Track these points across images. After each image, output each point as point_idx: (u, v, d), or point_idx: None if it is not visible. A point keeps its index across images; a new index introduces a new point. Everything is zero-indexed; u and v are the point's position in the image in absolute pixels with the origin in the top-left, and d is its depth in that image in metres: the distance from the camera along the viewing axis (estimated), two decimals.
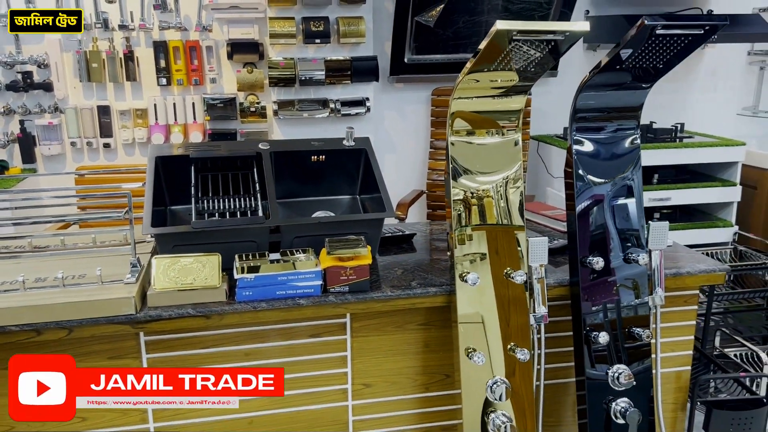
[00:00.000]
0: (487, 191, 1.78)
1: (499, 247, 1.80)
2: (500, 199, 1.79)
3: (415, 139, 3.77)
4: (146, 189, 1.92)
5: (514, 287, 1.79)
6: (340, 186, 2.29)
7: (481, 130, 1.74)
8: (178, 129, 3.39)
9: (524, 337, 1.80)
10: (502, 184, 1.79)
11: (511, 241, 1.81)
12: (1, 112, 3.27)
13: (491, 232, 1.79)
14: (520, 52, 1.44)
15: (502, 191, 1.79)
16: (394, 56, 3.45)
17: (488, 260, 1.79)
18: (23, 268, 1.79)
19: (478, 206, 1.78)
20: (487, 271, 1.78)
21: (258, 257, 1.80)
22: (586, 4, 3.78)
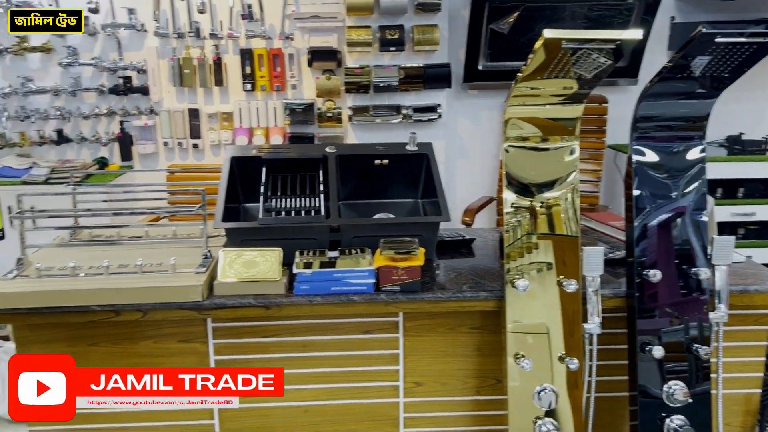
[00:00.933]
0: (542, 199, 1.77)
1: (553, 255, 1.78)
2: (555, 207, 1.78)
3: (487, 146, 3.76)
4: (220, 187, 2.06)
5: (568, 296, 1.77)
6: (402, 190, 2.33)
7: (536, 137, 1.73)
8: (260, 132, 3.57)
9: (576, 347, 1.77)
10: (558, 192, 1.78)
11: (566, 250, 1.79)
12: (104, 114, 3.57)
13: (546, 240, 1.78)
14: (573, 60, 1.43)
15: (557, 200, 1.77)
16: (468, 63, 3.46)
17: (541, 268, 1.78)
18: (109, 255, 1.96)
19: (533, 214, 1.78)
20: (539, 279, 1.77)
21: (317, 254, 1.88)
22: (671, 11, 3.63)
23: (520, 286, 1.73)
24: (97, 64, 3.45)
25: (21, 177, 3.27)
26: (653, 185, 1.77)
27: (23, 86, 3.46)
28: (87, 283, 1.78)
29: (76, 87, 3.49)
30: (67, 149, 3.66)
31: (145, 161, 3.69)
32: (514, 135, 1.72)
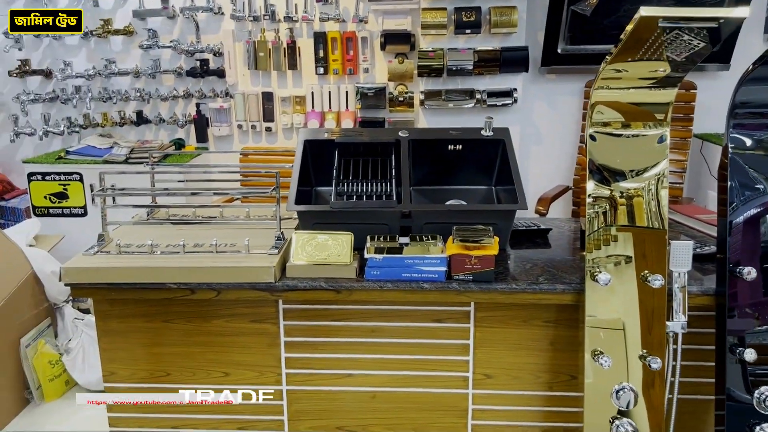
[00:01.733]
0: (627, 189, 1.68)
1: (637, 248, 1.70)
2: (641, 198, 1.69)
3: (565, 133, 3.64)
4: (293, 170, 2.07)
5: (652, 292, 1.68)
6: (476, 176, 2.29)
7: (624, 123, 1.65)
8: (331, 116, 3.58)
9: (659, 346, 1.69)
10: (645, 182, 1.69)
11: (652, 244, 1.70)
12: (182, 96, 3.67)
13: (630, 232, 1.69)
14: (669, 40, 1.34)
15: (644, 190, 1.69)
16: (546, 46, 3.35)
17: (624, 261, 1.70)
18: (185, 234, 2.02)
19: (617, 204, 1.70)
20: (622, 273, 1.70)
21: (388, 239, 1.87)
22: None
23: (602, 280, 1.66)
24: (176, 46, 3.56)
25: (103, 156, 3.42)
26: (750, 177, 1.65)
27: (106, 68, 3.61)
28: (164, 260, 1.83)
29: (155, 69, 3.61)
30: (145, 130, 3.80)
31: (220, 143, 3.78)
32: (600, 120, 1.64)
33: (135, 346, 1.95)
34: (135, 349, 1.95)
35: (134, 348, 1.95)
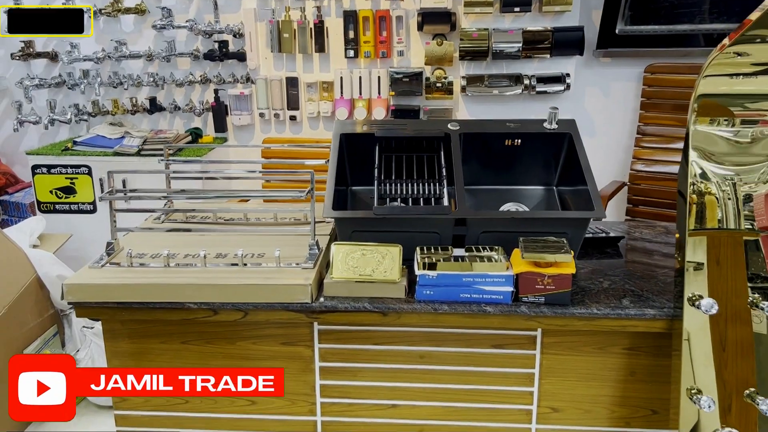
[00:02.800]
0: (736, 195, 1.43)
1: (745, 266, 1.46)
2: (752, 207, 1.44)
3: (620, 123, 3.38)
4: (330, 169, 1.85)
5: (762, 320, 1.44)
6: (536, 175, 2.05)
7: (737, 118, 1.39)
8: (362, 104, 3.35)
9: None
10: (758, 187, 1.44)
11: (764, 262, 1.45)
12: (198, 81, 3.46)
13: (739, 246, 1.45)
14: None
15: (755, 197, 1.44)
16: (603, 27, 3.08)
17: (728, 281, 1.45)
18: (205, 240, 1.82)
19: (722, 212, 1.45)
20: (725, 295, 1.45)
21: (441, 251, 1.64)
22: None
23: (704, 307, 1.42)
24: (192, 27, 3.33)
25: (113, 147, 3.22)
26: None
27: (116, 50, 3.40)
28: (182, 275, 1.63)
29: (169, 52, 3.39)
30: (159, 118, 3.60)
31: (240, 133, 3.57)
32: (707, 116, 1.39)
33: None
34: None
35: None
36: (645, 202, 3.19)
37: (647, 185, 3.18)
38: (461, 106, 3.30)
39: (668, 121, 3.17)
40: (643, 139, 3.22)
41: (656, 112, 3.20)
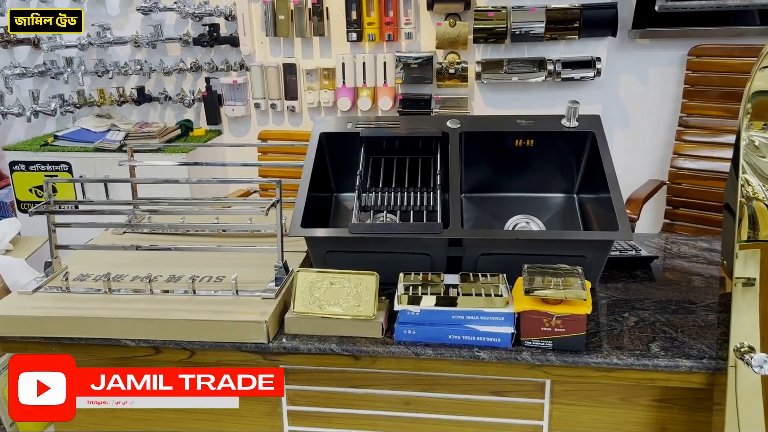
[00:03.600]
0: None
1: None
2: None
3: (660, 114, 3.06)
4: (303, 176, 1.61)
5: None
6: (552, 180, 1.79)
7: None
8: (366, 93, 3.09)
9: None
10: None
11: None
12: (189, 69, 3.24)
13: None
14: None
15: None
16: (640, 3, 2.77)
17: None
18: (165, 257, 1.64)
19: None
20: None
21: (429, 279, 1.39)
22: None
23: (756, 363, 1.13)
24: (180, 8, 3.10)
25: (94, 142, 3.03)
26: None
27: (100, 36, 3.20)
28: (122, 306, 1.43)
29: (157, 37, 3.18)
30: (149, 109, 3.40)
31: (235, 125, 3.34)
32: (762, 120, 1.10)
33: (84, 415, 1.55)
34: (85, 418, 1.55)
35: (83, 417, 1.55)
36: (687, 203, 2.87)
37: (689, 185, 2.86)
38: (477, 94, 3.02)
39: (715, 112, 2.83)
40: (685, 132, 2.90)
41: (701, 101, 2.87)
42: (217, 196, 2.88)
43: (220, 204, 1.94)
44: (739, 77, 2.77)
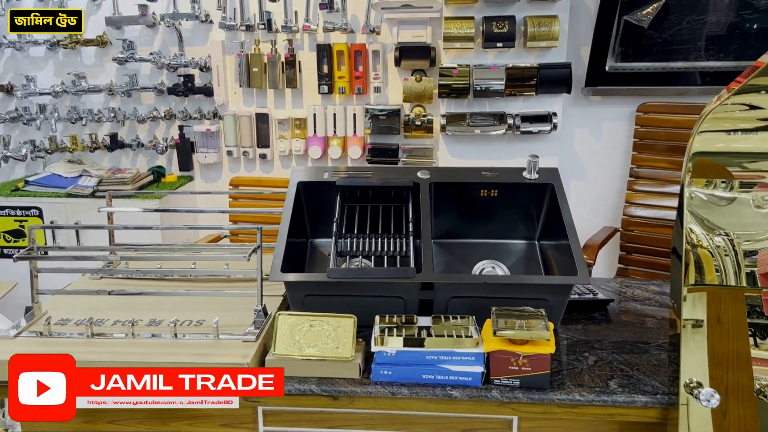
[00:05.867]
0: (739, 264, 1.26)
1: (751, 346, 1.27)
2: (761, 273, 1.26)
3: (612, 165, 3.22)
4: (282, 222, 1.67)
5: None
6: (515, 228, 1.90)
7: (739, 179, 1.22)
8: (336, 142, 3.18)
9: None
10: (760, 256, 1.26)
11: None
12: (163, 117, 3.29)
13: (742, 322, 1.27)
14: None
15: (760, 265, 1.26)
16: (592, 63, 2.94)
17: (732, 364, 1.27)
18: (144, 301, 1.67)
19: (723, 280, 1.27)
20: (730, 378, 1.27)
21: (404, 321, 1.46)
22: None
23: (704, 397, 1.23)
24: (156, 60, 3.18)
25: (66, 188, 3.03)
26: None
27: (75, 84, 3.24)
28: (105, 350, 1.46)
29: (132, 86, 3.23)
30: (121, 155, 3.42)
31: (207, 172, 3.39)
32: (702, 177, 1.22)
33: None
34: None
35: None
36: (639, 249, 3.02)
37: (641, 231, 3.02)
38: (442, 145, 3.13)
39: (663, 164, 3.01)
40: (636, 182, 3.07)
41: (650, 154, 3.05)
42: (187, 242, 2.91)
43: (200, 249, 1.97)
44: (683, 132, 2.96)
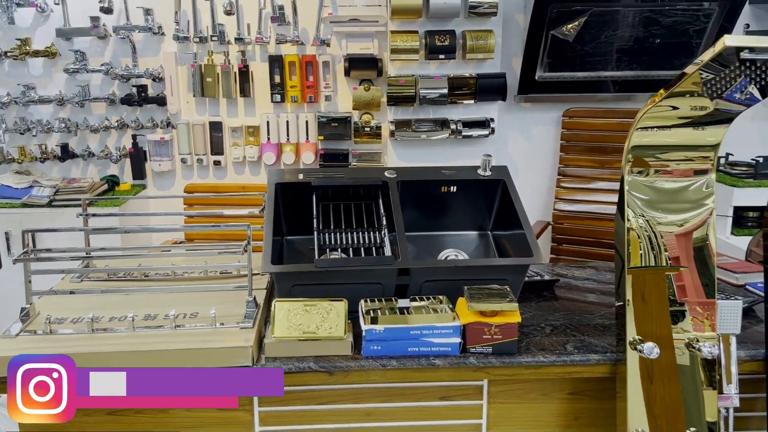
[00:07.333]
0: (668, 241, 1.49)
1: (678, 307, 1.51)
2: (683, 250, 1.50)
3: (542, 165, 3.50)
4: (266, 221, 1.79)
5: (701, 361, 1.49)
6: (472, 221, 2.08)
7: (666, 168, 1.46)
8: (289, 148, 3.30)
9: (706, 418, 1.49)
10: (687, 232, 1.50)
11: (696, 303, 1.51)
12: (115, 126, 3.30)
13: (662, 283, 1.50)
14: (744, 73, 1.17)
15: (686, 242, 1.50)
16: (524, 73, 3.20)
17: (664, 322, 1.50)
18: (131, 300, 1.71)
19: (655, 257, 1.50)
20: (662, 337, 1.49)
21: (385, 302, 1.61)
22: (746, 18, 3.36)
23: (646, 350, 1.45)
24: (108, 70, 3.19)
25: (21, 198, 3.00)
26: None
27: (24, 95, 3.20)
28: (110, 342, 1.52)
29: (83, 96, 3.23)
30: (72, 166, 3.40)
31: (160, 180, 3.42)
32: (639, 167, 1.45)
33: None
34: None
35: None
36: (569, 240, 3.30)
37: (570, 224, 3.30)
38: (390, 150, 3.31)
39: (586, 163, 3.31)
40: (563, 180, 3.35)
41: (575, 154, 3.34)
42: (144, 245, 2.94)
43: (188, 249, 2.05)
44: (603, 134, 3.27)
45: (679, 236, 1.50)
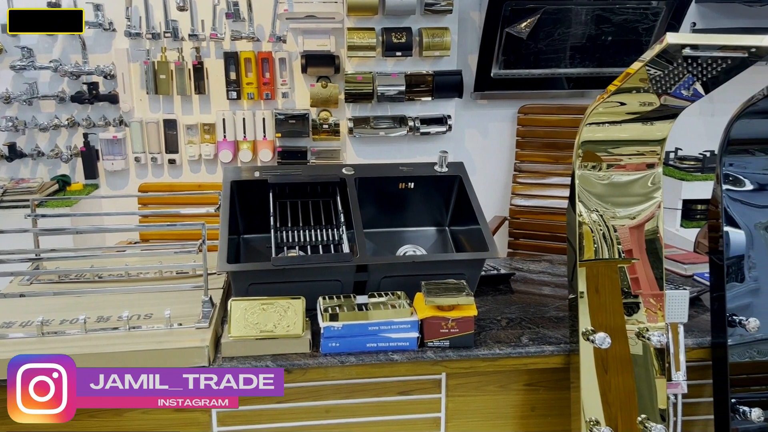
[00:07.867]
0: (619, 234, 1.53)
1: (630, 299, 1.55)
2: (634, 243, 1.54)
3: (499, 161, 3.54)
4: (221, 219, 1.76)
5: (650, 349, 1.53)
6: (429, 216, 2.10)
7: (616, 162, 1.49)
8: (246, 146, 3.26)
9: (658, 406, 1.54)
10: (637, 225, 1.54)
11: (646, 294, 1.55)
12: (65, 125, 3.21)
13: (614, 274, 1.54)
14: (688, 70, 1.20)
15: (637, 234, 1.54)
16: (479, 70, 3.23)
17: (616, 313, 1.54)
18: (83, 303, 1.67)
19: (607, 249, 1.53)
20: (615, 327, 1.53)
21: (344, 299, 1.61)
22: (692, 17, 3.47)
23: (598, 341, 1.48)
24: (57, 67, 3.10)
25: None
26: (746, 213, 1.56)
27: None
28: (61, 345, 1.47)
29: (31, 94, 3.13)
30: (20, 165, 3.29)
31: (113, 179, 3.34)
32: (590, 161, 1.48)
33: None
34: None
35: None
36: (525, 235, 3.35)
37: (526, 219, 3.35)
38: (348, 147, 3.30)
39: (541, 158, 3.36)
40: (519, 176, 3.40)
41: (530, 150, 3.40)
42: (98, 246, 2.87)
43: (142, 248, 2.01)
44: (558, 130, 3.33)
45: (631, 229, 1.54)
